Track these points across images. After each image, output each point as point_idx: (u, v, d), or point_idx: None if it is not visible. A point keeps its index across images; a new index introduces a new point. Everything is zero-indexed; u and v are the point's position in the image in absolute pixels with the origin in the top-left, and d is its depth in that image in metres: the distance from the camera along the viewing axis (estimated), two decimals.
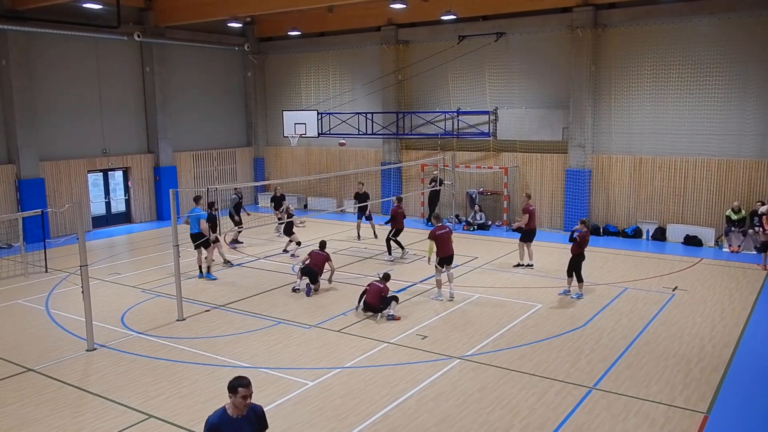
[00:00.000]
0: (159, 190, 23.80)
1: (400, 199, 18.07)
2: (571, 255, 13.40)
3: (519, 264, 15.99)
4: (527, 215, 15.60)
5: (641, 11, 18.65)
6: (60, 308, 13.24)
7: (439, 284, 13.43)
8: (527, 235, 15.78)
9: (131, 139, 23.46)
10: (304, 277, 13.91)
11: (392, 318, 12.00)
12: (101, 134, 22.42)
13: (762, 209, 15.86)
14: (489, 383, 9.30)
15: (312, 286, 13.84)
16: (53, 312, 13.03)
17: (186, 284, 14.15)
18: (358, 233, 19.88)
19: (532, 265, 15.87)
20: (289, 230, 17.97)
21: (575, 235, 13.36)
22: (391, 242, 17.02)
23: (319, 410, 8.54)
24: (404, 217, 17.58)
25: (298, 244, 17.96)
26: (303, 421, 8.25)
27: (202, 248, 15.35)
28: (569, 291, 13.55)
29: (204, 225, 15.02)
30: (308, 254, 14.27)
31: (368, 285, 12.50)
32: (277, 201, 20.55)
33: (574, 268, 13.36)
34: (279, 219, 20.74)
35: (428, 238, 13.44)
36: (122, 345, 11.08)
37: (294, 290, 14.00)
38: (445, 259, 13.30)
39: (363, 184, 20.80)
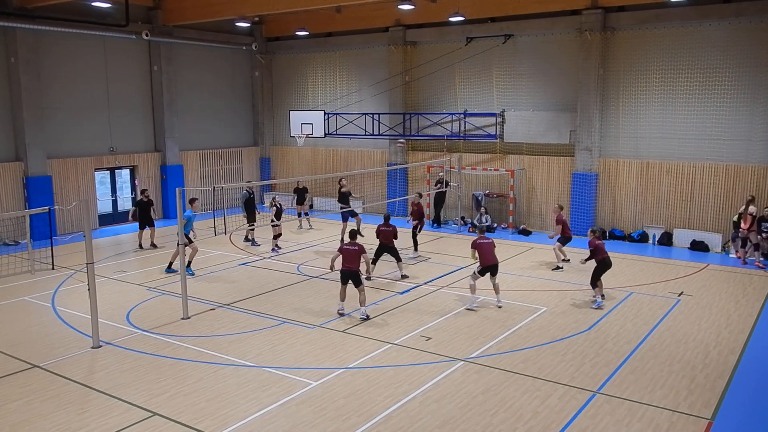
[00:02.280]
0: (165, 189, 23.87)
1: (420, 195, 18.38)
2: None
3: (558, 267, 16.07)
4: (560, 226, 16.04)
5: (650, 15, 18.59)
6: (66, 305, 13.30)
7: (472, 289, 13.00)
8: (564, 240, 16.18)
9: (138, 137, 23.55)
10: (345, 288, 12.36)
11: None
12: (108, 132, 22.51)
13: (741, 209, 16.65)
14: (493, 386, 9.29)
15: (365, 311, 12.25)
16: (59, 309, 13.10)
17: (191, 283, 14.19)
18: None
19: (568, 260, 16.31)
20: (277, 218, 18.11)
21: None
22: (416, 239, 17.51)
23: (322, 410, 8.55)
24: (422, 215, 17.99)
25: (277, 236, 18.31)
26: (306, 421, 8.26)
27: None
28: (601, 302, 13.14)
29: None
30: (338, 251, 12.51)
31: (378, 230, 14.20)
32: (300, 194, 20.55)
33: (594, 275, 13.19)
34: (300, 214, 20.84)
35: (471, 247, 13.13)
36: (127, 342, 11.13)
37: (339, 314, 12.42)
38: (489, 267, 12.88)
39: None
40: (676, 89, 18.63)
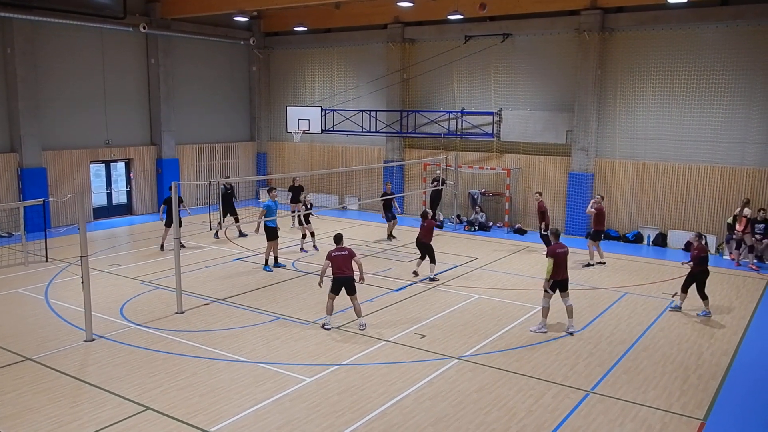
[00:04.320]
0: (161, 183, 23.80)
1: (540, 194, 17.60)
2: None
3: (589, 264, 16.23)
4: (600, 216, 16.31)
5: (649, 16, 18.61)
6: (59, 298, 13.24)
7: (544, 312, 11.44)
8: (597, 234, 16.36)
9: (134, 130, 23.45)
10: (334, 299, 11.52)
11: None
12: (104, 125, 22.41)
13: (736, 211, 16.79)
14: (487, 384, 9.31)
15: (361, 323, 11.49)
16: (52, 302, 13.04)
17: (186, 277, 14.15)
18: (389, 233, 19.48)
19: (604, 263, 16.38)
20: (306, 220, 17.72)
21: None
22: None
23: (316, 406, 8.55)
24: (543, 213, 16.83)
25: (312, 234, 17.71)
26: (300, 417, 8.25)
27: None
28: (680, 306, 12.77)
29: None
30: (327, 258, 11.44)
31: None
32: (295, 192, 20.46)
33: (688, 283, 12.60)
34: (294, 212, 20.66)
35: (547, 256, 11.48)
36: (121, 336, 11.09)
37: (326, 329, 11.47)
38: (559, 283, 11.36)
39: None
40: (673, 91, 18.67)
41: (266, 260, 15.65)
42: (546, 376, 9.59)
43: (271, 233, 15.33)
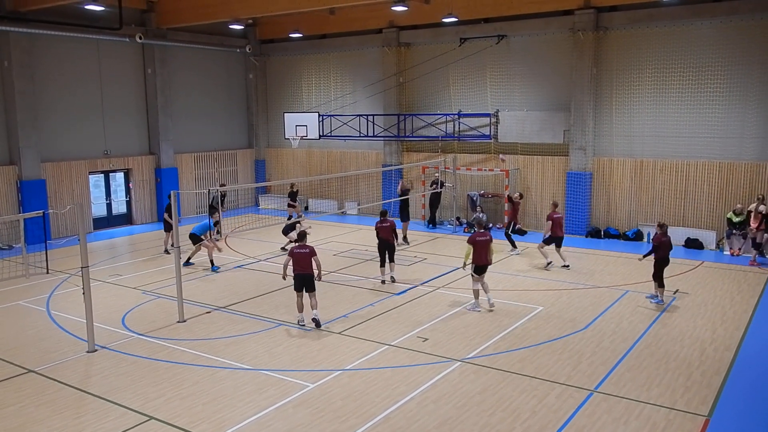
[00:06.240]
0: (160, 192, 23.81)
1: (522, 196, 18.45)
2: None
3: (549, 263, 16.18)
4: (550, 222, 15.97)
5: (643, 14, 18.66)
6: (61, 309, 13.24)
7: (476, 294, 12.79)
8: (550, 240, 16.09)
9: (132, 140, 23.48)
10: (303, 295, 11.88)
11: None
12: (103, 135, 22.44)
13: (752, 206, 16.62)
14: (490, 386, 9.30)
15: (317, 321, 11.77)
16: (54, 313, 13.03)
17: (187, 286, 14.14)
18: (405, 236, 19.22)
19: (551, 263, 16.21)
20: (289, 229, 17.85)
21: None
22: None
23: (319, 412, 8.54)
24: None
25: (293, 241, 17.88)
26: (304, 423, 8.24)
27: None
28: (657, 296, 13.13)
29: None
30: (289, 254, 11.83)
31: (377, 227, 13.96)
32: (293, 196, 20.64)
33: (656, 272, 12.98)
34: (292, 216, 20.73)
35: (467, 242, 12.76)
36: (123, 346, 11.08)
37: (301, 325, 11.92)
38: (480, 267, 12.68)
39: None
40: (668, 88, 18.71)
41: (212, 261, 16.53)
42: (549, 377, 9.58)
43: (196, 239, 16.66)
